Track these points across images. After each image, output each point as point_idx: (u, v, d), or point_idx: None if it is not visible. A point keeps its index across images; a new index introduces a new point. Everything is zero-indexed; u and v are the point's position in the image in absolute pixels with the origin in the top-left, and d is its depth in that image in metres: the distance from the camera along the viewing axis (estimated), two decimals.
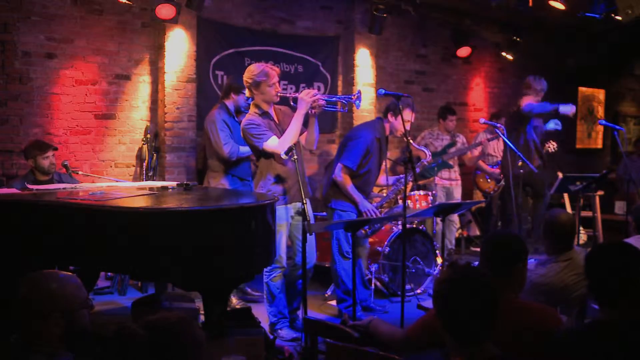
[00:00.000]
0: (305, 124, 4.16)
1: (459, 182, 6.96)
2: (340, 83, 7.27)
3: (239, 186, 5.18)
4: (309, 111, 4.04)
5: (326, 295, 5.37)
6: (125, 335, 1.62)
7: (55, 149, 4.88)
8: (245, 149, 4.98)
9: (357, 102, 4.05)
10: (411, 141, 4.25)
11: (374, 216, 4.66)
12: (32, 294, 2.12)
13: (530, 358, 2.21)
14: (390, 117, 4.71)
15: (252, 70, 4.12)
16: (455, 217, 6.83)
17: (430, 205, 5.68)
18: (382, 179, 5.00)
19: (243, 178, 5.19)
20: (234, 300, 4.99)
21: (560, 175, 6.51)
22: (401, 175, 4.91)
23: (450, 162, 6.77)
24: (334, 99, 4.21)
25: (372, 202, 4.84)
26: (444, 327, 1.92)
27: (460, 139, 6.97)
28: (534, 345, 2.22)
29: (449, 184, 6.83)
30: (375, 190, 5.36)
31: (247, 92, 4.21)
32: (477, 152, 6.96)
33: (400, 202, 5.01)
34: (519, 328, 2.25)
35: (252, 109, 4.21)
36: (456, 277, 1.92)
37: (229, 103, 5.23)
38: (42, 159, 4.71)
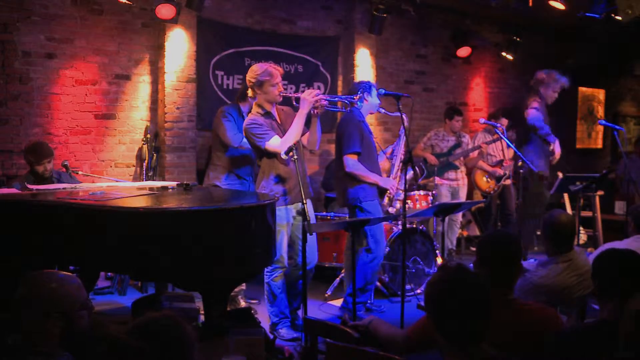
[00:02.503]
0: (307, 124, 4.16)
1: (465, 182, 6.95)
2: (340, 83, 7.26)
3: (237, 184, 5.16)
4: (312, 111, 4.04)
5: (326, 295, 5.37)
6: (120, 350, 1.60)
7: (50, 154, 4.68)
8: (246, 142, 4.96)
9: (359, 102, 4.04)
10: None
11: (395, 189, 4.72)
12: (32, 294, 2.11)
13: (531, 358, 2.22)
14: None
15: (255, 70, 4.11)
16: (458, 216, 6.83)
17: (430, 205, 5.68)
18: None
19: (242, 177, 5.17)
20: (242, 302, 4.97)
21: (560, 175, 6.50)
22: (394, 144, 5.05)
23: (457, 163, 6.77)
24: (336, 99, 4.19)
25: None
26: (437, 329, 1.89)
27: (466, 139, 6.97)
28: (534, 346, 2.22)
29: (456, 184, 6.82)
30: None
31: (249, 92, 4.21)
32: (476, 153, 6.95)
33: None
34: (519, 329, 2.25)
35: (255, 109, 4.20)
36: (448, 279, 1.90)
37: (244, 105, 5.14)
38: (36, 165, 4.65)
